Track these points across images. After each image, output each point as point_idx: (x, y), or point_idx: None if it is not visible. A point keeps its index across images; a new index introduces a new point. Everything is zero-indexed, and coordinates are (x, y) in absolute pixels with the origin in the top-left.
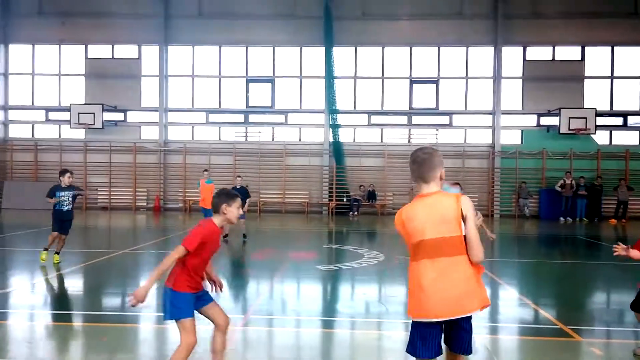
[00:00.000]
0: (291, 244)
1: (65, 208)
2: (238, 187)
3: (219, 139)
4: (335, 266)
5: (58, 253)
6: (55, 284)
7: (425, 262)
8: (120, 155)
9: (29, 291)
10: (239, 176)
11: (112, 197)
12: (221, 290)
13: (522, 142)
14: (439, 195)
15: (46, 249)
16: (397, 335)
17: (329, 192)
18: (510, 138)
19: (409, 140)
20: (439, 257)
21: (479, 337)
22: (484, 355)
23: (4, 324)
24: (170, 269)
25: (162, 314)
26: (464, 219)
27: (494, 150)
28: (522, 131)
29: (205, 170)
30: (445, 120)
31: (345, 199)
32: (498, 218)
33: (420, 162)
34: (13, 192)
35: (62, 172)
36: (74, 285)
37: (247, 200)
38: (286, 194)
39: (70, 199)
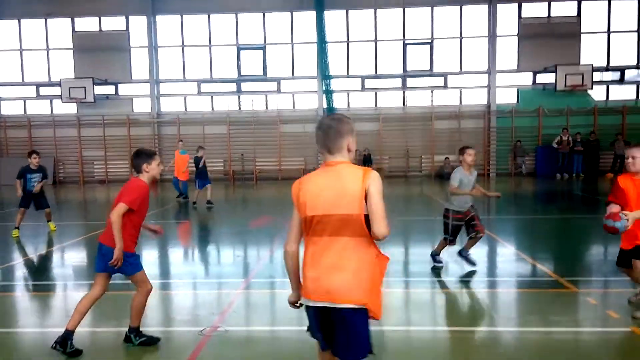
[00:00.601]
0: (288, 210)
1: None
2: (200, 155)
3: (212, 109)
4: None
5: (50, 221)
6: (57, 255)
7: (315, 239)
8: (114, 129)
9: (32, 264)
10: (202, 147)
11: (108, 170)
12: (161, 234)
13: (518, 101)
14: (344, 165)
15: (17, 228)
16: (398, 293)
17: None
18: (506, 97)
19: (404, 104)
20: (330, 236)
21: (479, 292)
22: (483, 309)
23: (11, 295)
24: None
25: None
26: (367, 195)
27: (489, 110)
28: (517, 90)
29: (180, 141)
30: (440, 81)
31: None
32: (494, 177)
33: (326, 130)
34: (9, 168)
35: (30, 154)
36: (76, 256)
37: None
38: (282, 162)
39: (39, 180)
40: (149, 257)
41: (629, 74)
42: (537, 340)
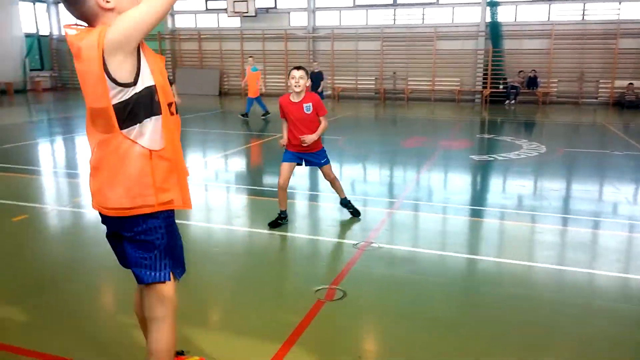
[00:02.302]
0: (441, 132)
1: None
2: (316, 71)
3: (367, 23)
4: (490, 156)
5: None
6: (230, 160)
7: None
8: (272, 43)
9: (203, 168)
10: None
11: (267, 84)
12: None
13: None
14: (88, 32)
15: None
16: (553, 229)
17: (484, 78)
18: None
19: (583, 17)
20: (92, 133)
21: None
22: None
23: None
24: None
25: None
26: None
27: None
28: None
29: (250, 57)
30: None
31: (501, 86)
32: None
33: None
34: (183, 78)
35: None
36: (240, 163)
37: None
38: (436, 81)
39: None
40: (301, 171)
41: None
42: None
